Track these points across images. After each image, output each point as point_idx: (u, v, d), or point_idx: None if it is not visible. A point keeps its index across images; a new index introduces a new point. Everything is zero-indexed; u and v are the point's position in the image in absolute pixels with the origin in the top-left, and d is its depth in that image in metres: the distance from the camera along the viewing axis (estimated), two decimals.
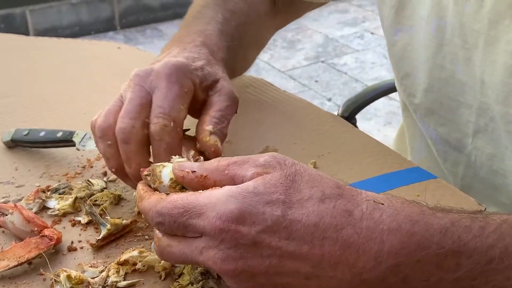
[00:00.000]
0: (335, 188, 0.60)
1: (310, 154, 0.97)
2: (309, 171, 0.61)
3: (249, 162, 0.61)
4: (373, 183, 0.90)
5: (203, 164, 0.63)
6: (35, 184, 0.90)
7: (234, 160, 0.62)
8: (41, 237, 0.75)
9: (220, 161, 0.62)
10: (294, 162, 0.61)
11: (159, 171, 0.66)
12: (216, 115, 0.80)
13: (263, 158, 0.61)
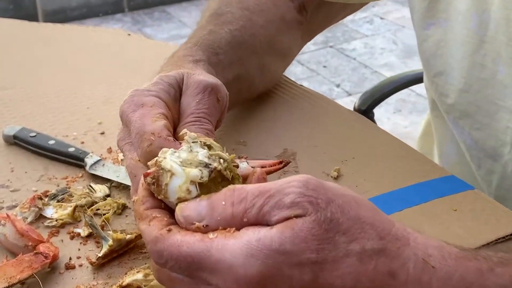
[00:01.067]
0: (378, 239, 0.49)
1: (332, 159, 0.86)
2: (347, 213, 0.49)
3: (272, 202, 0.48)
4: (404, 195, 0.80)
5: (213, 212, 0.49)
6: (32, 189, 0.80)
7: (252, 201, 0.48)
8: (35, 255, 0.65)
9: (234, 204, 0.49)
10: (329, 199, 0.49)
11: (165, 183, 0.53)
12: (187, 120, 0.66)
13: (290, 197, 0.48)
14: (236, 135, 0.91)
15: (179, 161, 0.53)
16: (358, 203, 0.51)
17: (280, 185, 0.49)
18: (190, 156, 0.54)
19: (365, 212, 0.50)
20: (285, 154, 0.87)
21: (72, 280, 0.66)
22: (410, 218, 0.75)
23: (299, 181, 0.49)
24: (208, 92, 0.68)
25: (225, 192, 0.50)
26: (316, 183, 0.50)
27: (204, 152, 0.55)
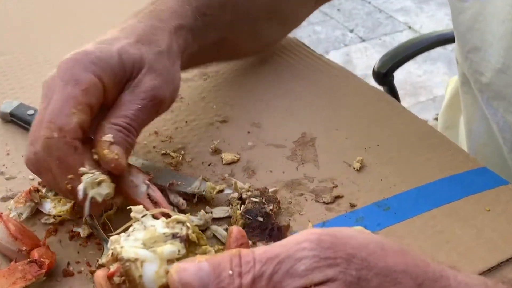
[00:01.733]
0: (415, 286, 0.42)
1: (354, 146, 0.78)
2: (375, 266, 0.41)
3: (283, 270, 0.40)
4: (433, 191, 0.72)
5: (219, 281, 0.41)
6: (29, 177, 0.72)
7: (260, 270, 0.41)
8: (29, 263, 0.58)
9: (242, 274, 0.41)
10: (350, 256, 0.41)
11: (138, 275, 0.43)
12: (118, 122, 0.60)
13: (304, 263, 0.40)
14: (249, 116, 0.83)
15: (140, 244, 0.44)
16: (384, 250, 0.43)
17: (290, 248, 0.41)
18: (149, 233, 0.45)
19: (394, 258, 0.43)
20: (303, 139, 0.79)
21: None
22: (439, 219, 0.68)
23: (311, 241, 0.41)
24: (153, 104, 0.63)
25: (231, 258, 0.42)
26: (330, 239, 0.42)
27: (160, 223, 0.47)
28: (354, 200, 0.70)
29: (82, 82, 0.59)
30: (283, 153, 0.77)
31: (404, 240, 0.65)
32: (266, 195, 0.67)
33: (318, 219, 0.67)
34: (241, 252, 0.42)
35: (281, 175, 0.73)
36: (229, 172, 0.73)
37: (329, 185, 0.72)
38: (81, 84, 0.59)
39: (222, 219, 0.67)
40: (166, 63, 0.66)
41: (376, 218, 0.68)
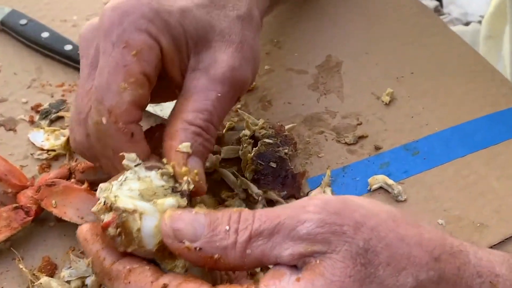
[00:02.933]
0: (433, 262, 0.36)
1: (385, 74, 0.68)
2: (385, 237, 0.36)
3: (283, 231, 0.35)
4: (469, 132, 0.62)
5: (213, 235, 0.36)
6: (21, 100, 0.64)
7: (258, 228, 0.36)
8: (15, 209, 0.52)
9: (239, 231, 0.36)
10: (358, 223, 0.36)
11: (137, 228, 0.37)
12: (195, 121, 0.45)
13: (306, 226, 0.35)
14: (270, 33, 0.72)
15: (138, 195, 0.38)
16: (396, 220, 0.37)
17: (293, 209, 0.36)
18: (145, 184, 0.39)
19: (407, 229, 0.37)
20: (328, 63, 0.69)
21: (64, 237, 0.53)
22: (474, 168, 0.59)
23: (316, 205, 0.36)
24: (234, 90, 0.47)
25: (230, 214, 0.37)
26: (338, 204, 0.36)
27: (155, 174, 0.40)
28: (379, 142, 0.61)
29: (134, 43, 0.43)
30: (304, 80, 0.67)
31: (433, 191, 0.57)
32: (281, 135, 0.59)
33: (338, 163, 0.59)
34: (242, 211, 0.37)
35: (300, 107, 0.64)
36: (242, 102, 0.64)
37: (353, 122, 0.63)
38: (131, 46, 0.43)
39: (231, 160, 0.59)
40: (246, 33, 0.49)
41: (403, 164, 0.59)
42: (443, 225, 0.54)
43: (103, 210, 0.39)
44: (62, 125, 0.62)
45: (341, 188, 0.57)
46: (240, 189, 0.56)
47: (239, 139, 0.60)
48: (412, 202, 0.56)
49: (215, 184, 0.57)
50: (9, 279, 0.51)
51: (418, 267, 0.35)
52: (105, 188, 0.40)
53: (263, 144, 0.57)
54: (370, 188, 0.57)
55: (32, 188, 0.54)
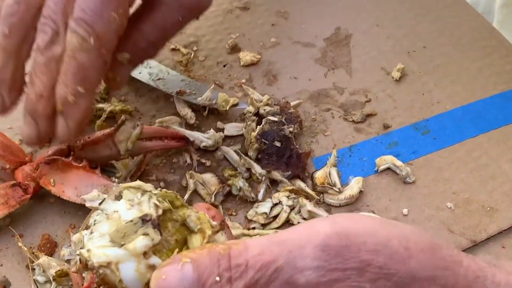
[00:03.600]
0: None
1: (396, 48, 0.65)
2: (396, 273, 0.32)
3: (281, 278, 0.32)
4: (484, 111, 0.60)
5: None
6: None
7: (253, 277, 0.32)
8: (13, 187, 0.50)
9: (232, 280, 0.32)
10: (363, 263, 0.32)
11: (118, 280, 0.34)
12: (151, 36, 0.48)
13: (306, 276, 0.32)
14: (276, 3, 0.69)
15: (108, 241, 0.35)
16: (409, 248, 0.33)
17: (290, 252, 0.32)
18: (114, 224, 0.36)
19: (420, 260, 0.33)
20: (337, 36, 0.66)
21: (64, 214, 0.52)
22: (485, 149, 0.57)
23: (316, 246, 0.32)
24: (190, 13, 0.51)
25: (218, 260, 0.33)
26: (340, 242, 0.32)
27: (123, 204, 0.37)
28: (388, 120, 0.59)
29: None
30: (312, 54, 0.64)
31: (443, 172, 0.55)
32: (287, 113, 0.56)
33: (344, 142, 0.57)
34: (230, 252, 0.33)
35: (307, 83, 0.62)
36: (247, 77, 0.62)
37: (361, 99, 0.60)
38: None
39: (235, 137, 0.57)
40: None
41: (412, 144, 0.57)
42: (451, 208, 0.52)
43: (81, 269, 0.36)
44: None
45: (347, 169, 0.55)
46: (243, 168, 0.54)
47: (243, 115, 0.58)
48: (420, 184, 0.54)
49: (218, 162, 0.56)
50: (9, 256, 0.50)
51: None
52: (78, 241, 0.37)
53: (268, 122, 0.55)
54: (378, 169, 0.55)
55: (31, 164, 0.52)
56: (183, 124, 0.58)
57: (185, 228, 0.37)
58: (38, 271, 0.48)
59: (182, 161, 0.55)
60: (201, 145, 0.55)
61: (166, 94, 0.59)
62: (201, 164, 0.55)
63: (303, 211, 0.51)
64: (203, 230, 0.37)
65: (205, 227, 0.37)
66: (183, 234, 0.37)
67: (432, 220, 0.52)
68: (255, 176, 0.53)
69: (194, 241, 0.37)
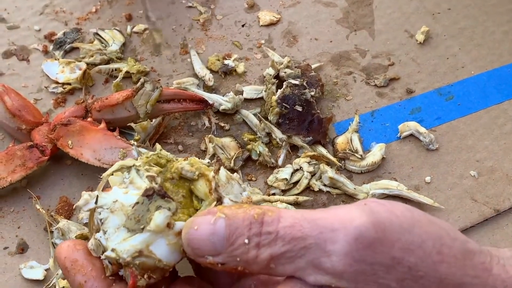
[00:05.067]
0: None
1: (421, 9, 0.62)
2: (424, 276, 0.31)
3: (308, 257, 0.31)
4: (509, 76, 0.58)
5: (232, 249, 0.32)
6: (34, 27, 0.61)
7: (280, 249, 0.31)
8: (30, 148, 0.49)
9: (260, 246, 0.32)
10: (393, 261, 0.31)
11: (156, 260, 0.34)
12: None
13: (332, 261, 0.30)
14: None
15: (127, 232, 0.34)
16: (442, 253, 0.32)
17: (321, 232, 0.31)
18: (122, 214, 0.34)
19: (451, 265, 0.32)
20: None
21: (82, 176, 0.52)
22: (510, 115, 0.55)
23: (348, 234, 0.30)
24: None
25: (251, 223, 0.32)
26: (374, 234, 0.31)
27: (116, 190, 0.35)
28: (412, 85, 0.57)
29: None
30: (333, 14, 0.62)
31: (466, 140, 0.54)
32: (308, 76, 0.55)
33: (366, 107, 0.56)
34: (264, 218, 0.32)
35: (328, 44, 0.60)
36: (266, 37, 0.60)
37: (384, 62, 0.59)
38: None
39: (254, 100, 0.56)
40: None
41: (436, 110, 0.56)
42: (475, 176, 0.51)
43: (116, 269, 0.35)
44: (77, 57, 0.58)
45: (369, 134, 0.54)
46: (263, 133, 0.53)
47: (263, 77, 0.57)
48: (443, 151, 0.53)
49: (237, 126, 0.54)
50: (26, 218, 0.49)
51: None
52: (96, 247, 0.35)
53: (289, 86, 0.53)
54: (400, 135, 0.53)
55: (47, 125, 0.51)
56: (201, 86, 0.56)
57: (185, 180, 0.36)
58: (56, 234, 0.47)
59: (200, 124, 0.54)
60: (220, 108, 0.54)
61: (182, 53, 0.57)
62: (219, 127, 0.54)
63: (324, 178, 0.50)
64: (203, 173, 0.36)
65: (203, 170, 0.36)
66: (186, 187, 0.36)
67: (455, 189, 0.51)
68: (275, 141, 0.52)
69: (200, 187, 0.36)
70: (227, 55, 0.58)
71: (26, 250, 0.48)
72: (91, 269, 0.34)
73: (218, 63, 0.57)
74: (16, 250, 0.48)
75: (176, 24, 0.61)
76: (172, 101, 0.52)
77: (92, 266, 0.35)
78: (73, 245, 0.35)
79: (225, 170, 0.37)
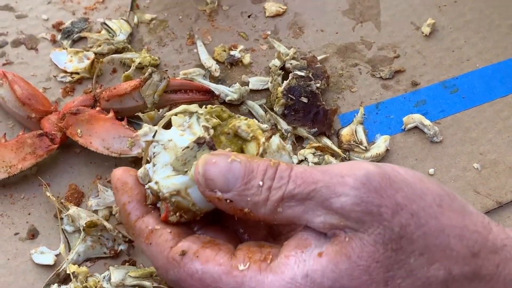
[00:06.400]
0: (469, 257, 0.34)
1: (427, 2, 0.63)
2: (425, 224, 0.33)
3: (317, 199, 0.33)
4: None
5: (245, 188, 0.34)
6: (42, 17, 0.62)
7: (292, 190, 0.34)
8: (39, 137, 0.51)
9: (272, 188, 0.34)
10: (398, 206, 0.33)
11: (190, 203, 0.37)
12: None
13: (341, 200, 0.33)
14: None
15: (172, 171, 0.37)
16: (442, 206, 0.34)
17: (331, 177, 0.34)
18: (172, 153, 0.38)
19: (451, 218, 0.34)
20: None
21: (91, 164, 0.53)
22: None
23: (357, 178, 0.33)
24: None
25: (266, 168, 0.35)
26: (381, 180, 0.33)
27: (175, 131, 0.39)
28: (417, 77, 0.58)
29: None
30: (339, 5, 0.63)
31: (470, 132, 0.55)
32: (313, 67, 0.56)
33: (371, 99, 0.57)
34: (279, 165, 0.35)
35: (334, 36, 0.61)
36: (272, 29, 0.61)
37: (389, 54, 0.60)
38: None
39: (260, 91, 0.57)
40: None
41: (440, 103, 0.57)
42: (478, 169, 0.53)
43: (155, 200, 0.39)
44: (85, 47, 0.59)
45: (373, 126, 0.55)
46: (269, 124, 0.54)
47: (268, 68, 0.58)
48: (447, 144, 0.54)
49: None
50: (36, 205, 0.51)
51: (453, 261, 0.34)
52: (144, 176, 0.39)
53: (295, 77, 0.54)
54: (405, 128, 0.55)
55: (56, 113, 0.52)
56: (207, 77, 0.57)
57: (239, 138, 0.39)
58: (66, 221, 0.49)
59: None
60: (226, 98, 0.55)
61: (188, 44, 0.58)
62: None
63: None
64: (256, 137, 0.39)
65: (258, 133, 0.39)
66: (238, 145, 0.39)
67: (458, 181, 0.52)
68: (281, 132, 0.54)
69: (250, 149, 0.39)
70: (233, 46, 0.59)
71: (36, 236, 0.49)
72: (136, 193, 0.38)
73: (224, 54, 0.58)
74: (26, 236, 0.49)
75: (182, 15, 0.62)
76: (179, 92, 0.54)
77: (138, 191, 0.39)
78: (127, 170, 0.40)
79: (280, 140, 0.39)
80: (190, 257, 0.35)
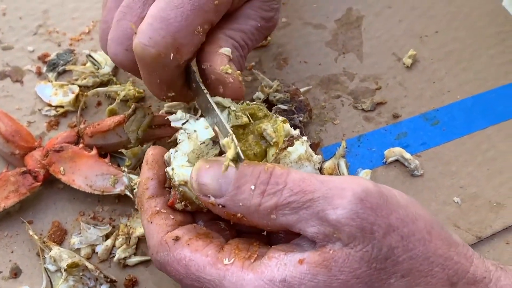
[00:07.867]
0: (447, 286, 0.35)
1: (408, 31, 0.63)
2: (413, 249, 0.34)
3: (313, 209, 0.34)
4: (494, 101, 0.59)
5: (237, 194, 0.35)
6: (27, 48, 0.61)
7: (287, 198, 0.34)
8: (23, 174, 0.50)
9: (265, 194, 0.34)
10: (390, 227, 0.34)
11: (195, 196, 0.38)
12: (234, 34, 0.45)
13: (337, 213, 0.33)
14: None
15: (186, 161, 0.39)
16: (431, 233, 0.35)
17: (330, 188, 0.34)
18: (191, 145, 0.40)
19: (438, 246, 0.35)
20: (348, 18, 0.64)
21: (73, 200, 0.52)
22: (494, 142, 0.56)
23: (355, 194, 0.34)
24: (269, 26, 0.50)
25: (260, 172, 0.35)
26: (378, 199, 0.34)
27: (202, 123, 0.41)
28: (398, 109, 0.58)
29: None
30: (322, 36, 0.63)
31: (450, 166, 0.55)
32: (296, 100, 0.55)
33: (353, 131, 0.56)
34: (274, 170, 0.35)
35: (317, 68, 0.60)
36: (256, 60, 0.61)
37: (371, 85, 0.59)
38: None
39: None
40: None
41: (421, 135, 0.56)
42: (458, 203, 0.52)
43: (170, 184, 0.40)
44: (70, 79, 0.58)
45: (355, 159, 0.55)
46: None
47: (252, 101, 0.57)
48: (428, 177, 0.54)
49: None
50: (19, 243, 0.50)
51: (432, 284, 0.34)
52: (168, 159, 0.41)
53: (278, 111, 0.54)
54: (386, 161, 0.54)
55: (40, 149, 0.52)
56: (192, 109, 0.57)
57: (265, 140, 0.40)
58: (49, 260, 0.48)
59: None
60: None
61: None
62: None
63: None
64: (277, 143, 0.39)
65: (280, 140, 0.39)
66: (262, 147, 0.39)
67: (439, 215, 0.52)
68: None
69: (269, 153, 0.39)
70: None
71: (19, 275, 0.49)
72: (161, 174, 0.41)
73: None
74: (9, 275, 0.48)
75: None
76: (163, 126, 0.53)
77: (163, 172, 0.41)
78: (163, 150, 0.42)
79: (307, 150, 0.39)
80: (182, 243, 0.36)
